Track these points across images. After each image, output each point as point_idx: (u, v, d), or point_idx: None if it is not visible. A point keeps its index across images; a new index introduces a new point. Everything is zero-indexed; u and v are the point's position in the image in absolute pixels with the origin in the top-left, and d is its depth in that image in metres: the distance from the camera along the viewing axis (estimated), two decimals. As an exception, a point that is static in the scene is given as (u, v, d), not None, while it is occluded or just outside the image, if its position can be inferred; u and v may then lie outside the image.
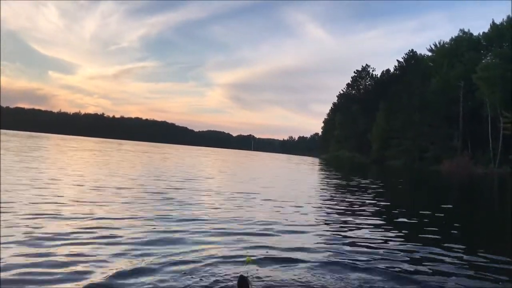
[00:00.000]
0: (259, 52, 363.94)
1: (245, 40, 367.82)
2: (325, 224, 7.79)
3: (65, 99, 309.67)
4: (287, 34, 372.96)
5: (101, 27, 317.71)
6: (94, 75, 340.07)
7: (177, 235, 5.87)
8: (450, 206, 13.56)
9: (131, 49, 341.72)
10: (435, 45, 78.17)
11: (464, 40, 69.77)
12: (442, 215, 10.31)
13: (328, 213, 9.33)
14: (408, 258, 5.39)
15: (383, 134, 76.89)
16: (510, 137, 53.37)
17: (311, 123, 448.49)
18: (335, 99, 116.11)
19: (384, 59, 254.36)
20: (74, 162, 21.35)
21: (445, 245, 6.27)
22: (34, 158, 20.15)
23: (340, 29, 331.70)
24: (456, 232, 8.00)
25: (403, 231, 7.43)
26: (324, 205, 10.65)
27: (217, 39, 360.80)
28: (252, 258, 3.42)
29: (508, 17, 61.49)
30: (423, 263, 5.19)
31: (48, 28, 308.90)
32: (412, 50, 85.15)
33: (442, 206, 12.66)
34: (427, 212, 10.40)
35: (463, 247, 6.25)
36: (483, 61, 61.70)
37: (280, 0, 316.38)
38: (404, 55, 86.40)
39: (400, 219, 9.20)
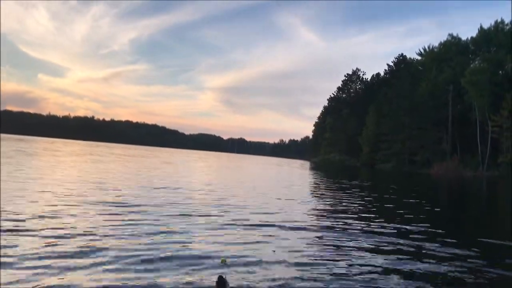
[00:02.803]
0: (250, 55, 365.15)
1: (237, 43, 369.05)
2: (313, 225, 7.61)
3: (55, 102, 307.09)
4: (278, 38, 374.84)
5: (92, 29, 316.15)
6: (84, 78, 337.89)
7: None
8: (438, 209, 13.47)
9: (122, 52, 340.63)
10: (424, 50, 78.91)
11: (452, 45, 70.46)
12: (425, 216, 10.19)
13: (317, 215, 9.16)
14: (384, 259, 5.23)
15: (373, 138, 77.21)
16: (498, 140, 53.87)
17: (302, 127, 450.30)
18: (326, 103, 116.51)
19: (374, 63, 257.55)
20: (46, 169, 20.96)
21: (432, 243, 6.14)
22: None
23: (331, 33, 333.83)
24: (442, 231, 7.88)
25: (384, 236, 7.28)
26: (314, 209, 10.47)
27: (208, 42, 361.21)
28: (228, 258, 3.31)
29: (496, 22, 62.41)
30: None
31: (38, 30, 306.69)
32: (402, 54, 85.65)
33: (430, 208, 12.58)
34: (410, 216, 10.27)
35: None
36: (472, 65, 62.39)
37: (272, 1, 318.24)
38: (394, 59, 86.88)
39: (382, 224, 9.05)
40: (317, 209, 10.33)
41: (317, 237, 6.59)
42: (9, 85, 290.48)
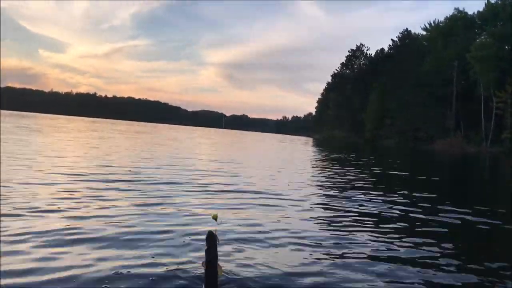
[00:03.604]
0: (252, 30, 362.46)
1: (239, 18, 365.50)
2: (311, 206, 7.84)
3: (56, 78, 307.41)
4: (280, 12, 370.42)
5: (92, 4, 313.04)
6: (85, 54, 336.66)
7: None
8: (438, 178, 13.77)
9: (123, 27, 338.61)
10: (430, 24, 77.82)
11: (459, 19, 69.49)
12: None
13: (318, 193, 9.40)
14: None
15: (377, 114, 77.19)
16: (502, 116, 53.86)
17: (305, 103, 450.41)
18: (329, 78, 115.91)
19: (378, 38, 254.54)
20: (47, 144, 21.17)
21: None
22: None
23: (334, 7, 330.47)
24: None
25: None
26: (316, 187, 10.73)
27: (210, 17, 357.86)
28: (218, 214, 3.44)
29: (504, -4, 61.28)
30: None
31: (38, 5, 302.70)
32: (407, 29, 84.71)
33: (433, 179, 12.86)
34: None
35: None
36: (478, 40, 61.72)
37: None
38: (399, 34, 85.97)
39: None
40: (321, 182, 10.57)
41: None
42: (10, 61, 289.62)
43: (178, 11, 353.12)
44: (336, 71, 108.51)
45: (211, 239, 3.07)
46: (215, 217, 3.35)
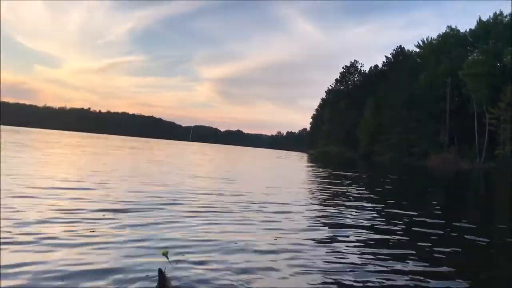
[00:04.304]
0: (247, 46, 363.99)
1: (234, 34, 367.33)
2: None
3: (51, 93, 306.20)
4: (276, 29, 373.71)
5: (88, 20, 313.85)
6: (80, 69, 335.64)
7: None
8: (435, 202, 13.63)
9: (118, 43, 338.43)
10: (423, 41, 78.66)
11: (451, 37, 70.25)
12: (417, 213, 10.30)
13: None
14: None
15: (371, 129, 77.31)
16: (495, 132, 54.14)
17: (300, 118, 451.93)
18: (323, 95, 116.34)
19: (372, 55, 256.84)
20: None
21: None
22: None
23: (329, 24, 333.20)
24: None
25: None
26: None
27: (205, 33, 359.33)
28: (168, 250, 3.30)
29: (495, 14, 62.24)
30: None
31: (33, 20, 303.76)
32: (400, 46, 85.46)
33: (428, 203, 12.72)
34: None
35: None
36: (470, 57, 62.39)
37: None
38: (392, 51, 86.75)
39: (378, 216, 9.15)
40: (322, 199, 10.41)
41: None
42: (4, 76, 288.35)
43: (173, 27, 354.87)
44: (330, 87, 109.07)
45: (161, 277, 3.00)
46: (165, 253, 3.25)
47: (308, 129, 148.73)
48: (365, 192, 13.21)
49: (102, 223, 5.61)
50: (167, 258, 3.23)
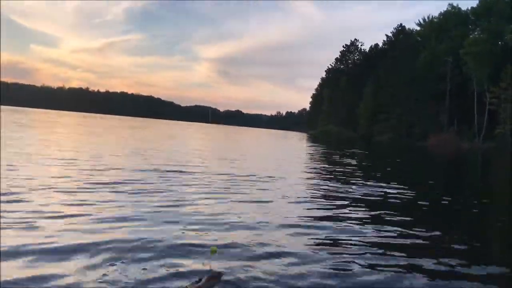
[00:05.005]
0: (246, 26, 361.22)
1: (233, 14, 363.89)
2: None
3: (48, 73, 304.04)
4: (275, 8, 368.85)
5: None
6: (77, 49, 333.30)
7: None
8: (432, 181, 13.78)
9: (116, 22, 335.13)
10: (424, 20, 77.79)
11: (452, 15, 69.52)
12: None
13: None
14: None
15: (371, 110, 77.20)
16: (495, 112, 54.14)
17: (299, 98, 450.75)
18: (323, 74, 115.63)
19: (373, 33, 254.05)
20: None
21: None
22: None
23: (329, 3, 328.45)
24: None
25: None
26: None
27: (204, 12, 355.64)
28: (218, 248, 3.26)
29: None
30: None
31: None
32: (401, 24, 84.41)
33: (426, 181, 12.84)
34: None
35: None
36: (471, 36, 61.83)
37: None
38: (393, 30, 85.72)
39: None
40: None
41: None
42: (1, 55, 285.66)
43: (171, 6, 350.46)
44: (330, 67, 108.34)
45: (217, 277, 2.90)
46: (214, 251, 3.15)
47: (308, 109, 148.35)
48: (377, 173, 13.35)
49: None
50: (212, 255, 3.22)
